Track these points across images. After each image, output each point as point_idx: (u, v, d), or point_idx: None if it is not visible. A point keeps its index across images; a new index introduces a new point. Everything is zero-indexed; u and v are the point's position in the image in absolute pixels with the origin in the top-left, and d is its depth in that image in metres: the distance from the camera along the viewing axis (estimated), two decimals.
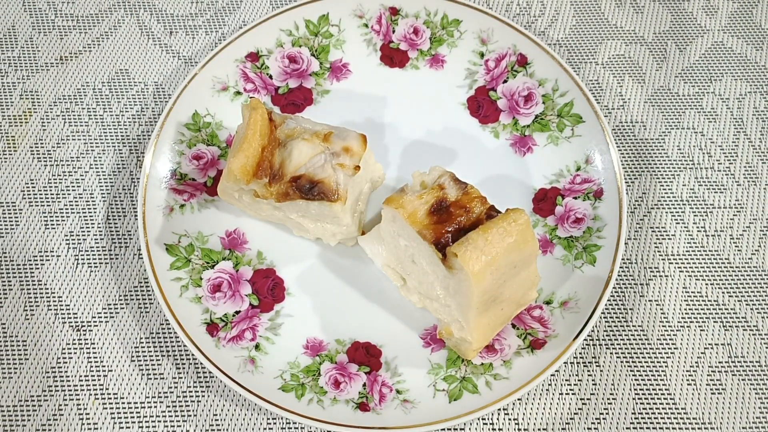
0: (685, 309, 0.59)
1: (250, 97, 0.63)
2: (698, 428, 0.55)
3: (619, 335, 0.58)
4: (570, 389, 0.57)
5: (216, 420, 0.56)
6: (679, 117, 0.66)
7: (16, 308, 0.59)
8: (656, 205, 0.63)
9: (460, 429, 0.56)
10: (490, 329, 0.54)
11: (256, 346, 0.57)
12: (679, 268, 0.60)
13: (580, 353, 0.58)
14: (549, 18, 0.70)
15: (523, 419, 0.56)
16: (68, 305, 0.59)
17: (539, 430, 0.55)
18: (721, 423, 0.56)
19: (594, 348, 0.58)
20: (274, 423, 0.56)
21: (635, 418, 0.56)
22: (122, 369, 0.57)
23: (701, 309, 0.59)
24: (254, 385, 0.54)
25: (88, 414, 0.56)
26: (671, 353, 0.58)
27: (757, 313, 0.59)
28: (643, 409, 0.56)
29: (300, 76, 0.66)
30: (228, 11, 0.71)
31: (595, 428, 0.55)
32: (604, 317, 0.59)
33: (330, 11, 0.67)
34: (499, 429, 0.56)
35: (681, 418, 0.56)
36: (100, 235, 0.62)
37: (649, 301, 0.59)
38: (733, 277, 0.60)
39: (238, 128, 0.58)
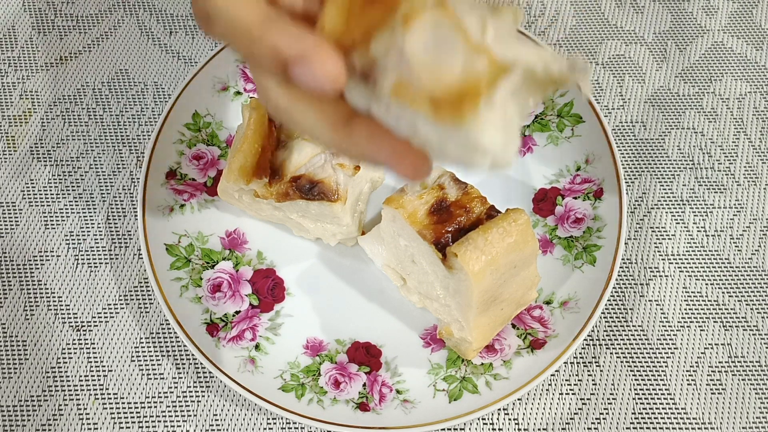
0: (685, 309, 0.59)
1: (250, 97, 0.63)
2: (698, 428, 0.55)
3: (619, 335, 0.58)
4: (570, 389, 0.57)
5: (216, 420, 0.56)
6: (679, 117, 0.66)
7: (16, 308, 0.59)
8: (656, 205, 0.63)
9: (460, 429, 0.56)
10: (490, 329, 0.54)
11: (256, 346, 0.57)
12: (679, 268, 0.60)
13: (580, 353, 0.58)
14: (549, 18, 0.70)
15: (523, 419, 0.56)
16: (68, 305, 0.59)
17: (539, 430, 0.55)
18: (721, 423, 0.56)
19: (594, 348, 0.58)
20: (274, 423, 0.56)
21: (635, 418, 0.56)
22: (122, 369, 0.57)
23: (701, 309, 0.59)
24: (254, 385, 0.54)
25: (88, 414, 0.56)
26: (671, 353, 0.58)
27: (757, 313, 0.59)
28: (643, 409, 0.56)
29: None
30: None
31: (595, 428, 0.55)
32: (604, 317, 0.59)
33: None
34: (499, 429, 0.56)
35: (681, 418, 0.56)
36: (100, 235, 0.62)
37: (649, 301, 0.59)
38: (733, 277, 0.60)
39: (238, 128, 0.58)
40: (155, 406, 0.56)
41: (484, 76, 0.29)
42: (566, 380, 0.57)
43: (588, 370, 0.57)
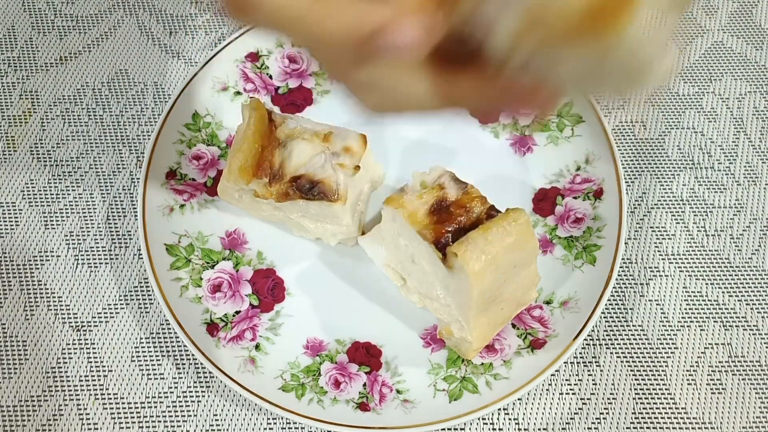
0: (685, 309, 0.59)
1: (250, 97, 0.63)
2: (698, 428, 0.55)
3: (619, 335, 0.58)
4: (570, 389, 0.57)
5: (216, 420, 0.56)
6: (679, 117, 0.66)
7: (16, 308, 0.59)
8: (656, 205, 0.63)
9: (460, 429, 0.56)
10: (491, 329, 0.54)
11: (257, 346, 0.57)
12: (679, 268, 0.60)
13: (580, 353, 0.58)
14: None
15: (523, 419, 0.56)
16: (68, 305, 0.59)
17: (539, 430, 0.55)
18: (721, 423, 0.56)
19: (594, 348, 0.58)
20: (274, 423, 0.56)
21: (635, 418, 0.56)
22: (122, 369, 0.57)
23: (701, 309, 0.59)
24: (254, 385, 0.54)
25: (88, 414, 0.56)
26: (671, 353, 0.58)
27: (757, 313, 0.59)
28: (643, 409, 0.56)
29: (300, 76, 0.66)
30: None
31: (595, 428, 0.55)
32: (604, 317, 0.59)
33: None
34: (499, 429, 0.56)
35: (681, 418, 0.56)
36: (100, 235, 0.62)
37: (649, 301, 0.59)
38: (733, 277, 0.60)
39: (238, 128, 0.58)
40: (155, 406, 0.56)
41: None
42: (566, 380, 0.57)
43: (588, 370, 0.57)
